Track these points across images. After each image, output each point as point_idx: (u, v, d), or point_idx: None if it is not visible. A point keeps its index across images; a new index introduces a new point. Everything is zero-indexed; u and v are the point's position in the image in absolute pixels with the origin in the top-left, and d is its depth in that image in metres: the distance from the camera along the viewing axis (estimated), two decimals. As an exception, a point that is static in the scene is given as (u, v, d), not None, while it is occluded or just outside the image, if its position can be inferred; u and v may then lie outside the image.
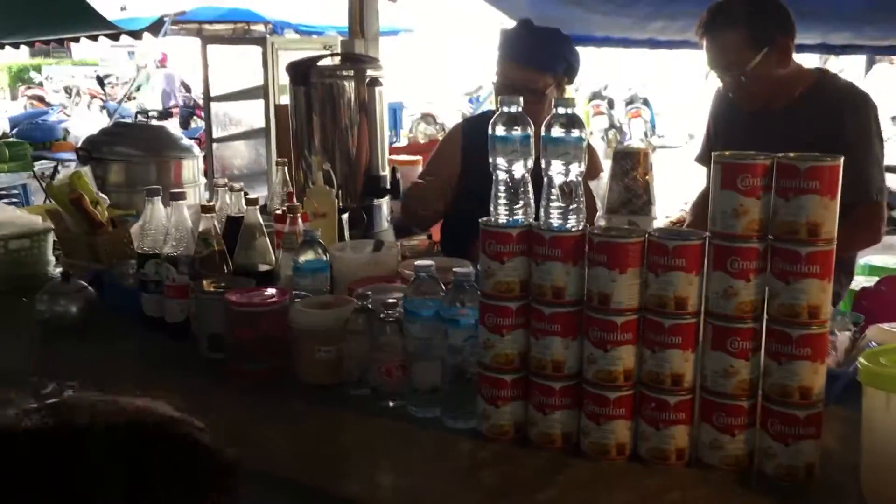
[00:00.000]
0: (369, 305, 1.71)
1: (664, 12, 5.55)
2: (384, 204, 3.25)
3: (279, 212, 2.20)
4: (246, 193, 2.27)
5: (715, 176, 1.35)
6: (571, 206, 1.41)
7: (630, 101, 15.54)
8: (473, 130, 2.97)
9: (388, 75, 3.23)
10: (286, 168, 2.66)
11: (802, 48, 2.73)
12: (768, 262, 1.34)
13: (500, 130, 1.43)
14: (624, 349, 1.40)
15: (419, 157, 3.54)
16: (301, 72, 3.09)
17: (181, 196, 2.07)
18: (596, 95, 15.08)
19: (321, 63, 3.13)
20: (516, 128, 1.43)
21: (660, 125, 15.35)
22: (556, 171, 1.40)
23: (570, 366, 1.45)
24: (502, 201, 1.45)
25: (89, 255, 2.37)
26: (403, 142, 10.71)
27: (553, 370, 1.45)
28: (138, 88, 15.00)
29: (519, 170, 1.44)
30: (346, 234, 2.66)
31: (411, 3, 3.77)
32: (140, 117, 3.84)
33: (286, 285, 2.02)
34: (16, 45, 8.17)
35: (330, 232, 2.40)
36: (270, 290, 1.90)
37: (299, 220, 2.05)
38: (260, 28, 9.29)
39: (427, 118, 14.84)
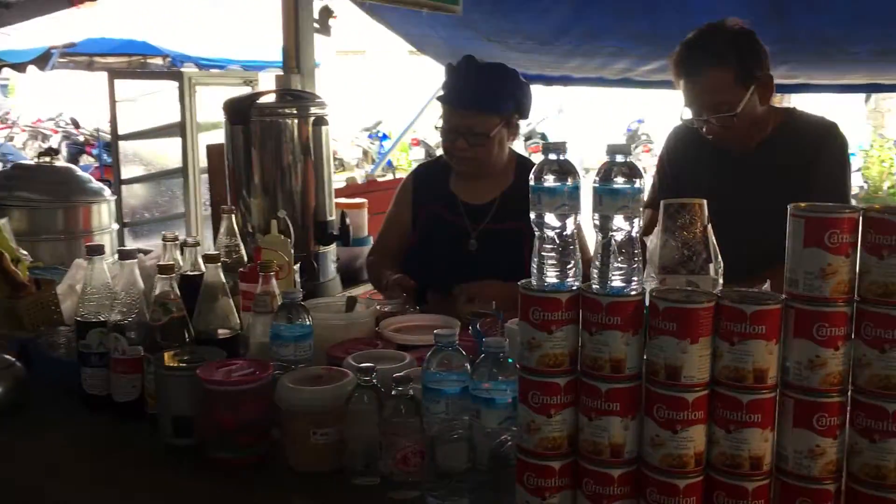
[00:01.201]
0: (374, 380, 1.48)
1: (581, 50, 5.56)
2: (331, 251, 3.02)
3: (243, 270, 1.93)
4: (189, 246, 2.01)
5: (795, 232, 1.20)
6: (633, 267, 1.24)
7: (528, 137, 15.72)
8: (423, 177, 2.77)
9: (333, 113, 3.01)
10: (232, 215, 2.38)
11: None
12: (855, 327, 1.20)
13: (549, 181, 1.25)
14: (695, 429, 1.22)
15: (364, 200, 3.32)
16: (240, 110, 2.83)
17: (131, 255, 1.78)
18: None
19: (261, 101, 2.88)
20: (566, 178, 1.25)
21: (558, 160, 15.54)
22: (617, 226, 1.23)
23: (630, 449, 1.26)
24: (550, 262, 1.26)
25: (9, 323, 2.03)
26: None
27: (611, 455, 1.26)
28: None
29: (569, 226, 1.26)
30: (298, 286, 2.42)
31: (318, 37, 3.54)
32: (43, 158, 3.41)
33: (256, 354, 1.77)
34: None
35: (287, 286, 2.14)
36: (244, 363, 1.64)
37: (273, 280, 1.80)
38: (158, 62, 8.81)
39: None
